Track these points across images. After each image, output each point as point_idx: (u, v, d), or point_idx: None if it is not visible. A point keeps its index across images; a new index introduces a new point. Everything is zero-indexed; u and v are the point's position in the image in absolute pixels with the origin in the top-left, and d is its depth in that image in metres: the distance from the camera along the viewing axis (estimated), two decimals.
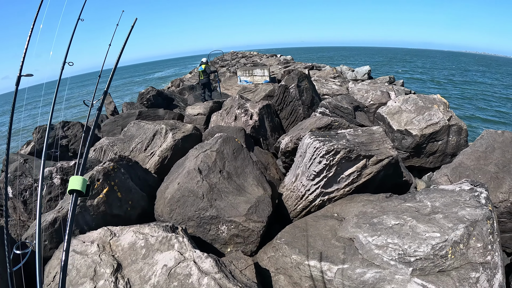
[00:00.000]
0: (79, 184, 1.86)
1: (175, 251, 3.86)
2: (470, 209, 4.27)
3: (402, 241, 4.03)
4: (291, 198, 6.27)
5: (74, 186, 1.85)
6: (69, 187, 1.86)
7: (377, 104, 12.90)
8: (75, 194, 1.86)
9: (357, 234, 4.39)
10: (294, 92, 11.91)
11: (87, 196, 2.28)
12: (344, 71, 29.76)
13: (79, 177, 1.88)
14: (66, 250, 1.75)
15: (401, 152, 9.10)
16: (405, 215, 4.48)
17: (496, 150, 6.93)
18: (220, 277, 3.46)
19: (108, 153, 8.48)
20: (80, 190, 1.86)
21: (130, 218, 5.54)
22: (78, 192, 1.86)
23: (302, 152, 6.19)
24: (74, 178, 1.88)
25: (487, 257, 3.77)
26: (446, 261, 3.77)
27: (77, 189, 1.85)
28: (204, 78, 16.61)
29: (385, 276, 3.81)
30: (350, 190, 5.82)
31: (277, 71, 29.68)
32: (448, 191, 4.88)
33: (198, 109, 12.60)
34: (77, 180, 1.87)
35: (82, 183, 1.87)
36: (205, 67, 16.77)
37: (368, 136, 6.38)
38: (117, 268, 3.82)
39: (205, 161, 5.94)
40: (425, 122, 8.93)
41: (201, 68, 16.63)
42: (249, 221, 5.15)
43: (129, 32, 2.72)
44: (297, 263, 4.32)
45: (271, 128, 10.93)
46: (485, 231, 3.96)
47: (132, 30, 2.74)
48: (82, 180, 1.88)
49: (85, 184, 1.89)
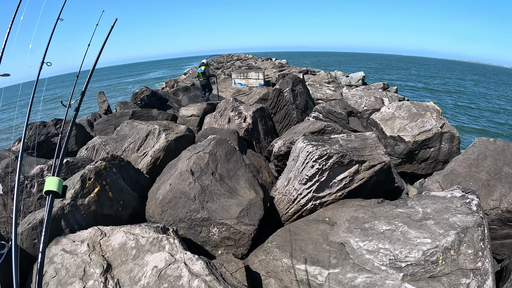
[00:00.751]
0: (55, 185, 1.85)
1: (165, 253, 3.84)
2: (461, 215, 4.28)
3: (393, 246, 4.04)
4: (283, 201, 6.26)
5: (50, 187, 1.84)
6: (45, 188, 1.84)
7: (371, 110, 12.95)
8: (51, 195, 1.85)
9: (349, 239, 4.39)
10: (288, 96, 11.92)
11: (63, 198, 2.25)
12: (338, 77, 29.85)
13: (55, 178, 1.87)
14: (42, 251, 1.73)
15: (394, 158, 9.13)
16: (396, 220, 4.49)
17: (488, 158, 6.97)
18: (211, 280, 3.44)
19: (101, 152, 8.43)
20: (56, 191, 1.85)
21: (121, 218, 5.49)
22: (54, 193, 1.86)
23: (295, 156, 6.19)
24: (50, 179, 1.86)
25: (478, 264, 3.79)
26: (437, 267, 3.78)
27: (53, 190, 1.84)
28: (203, 79, 16.67)
29: (376, 281, 3.81)
30: (342, 195, 5.82)
31: (272, 74, 29.72)
32: (440, 198, 4.90)
33: (192, 110, 12.57)
34: (53, 181, 1.86)
35: (58, 184, 1.86)
36: (205, 68, 16.85)
37: (361, 141, 6.39)
38: (107, 268, 3.79)
39: (198, 163, 5.91)
40: (418, 129, 8.98)
41: (200, 70, 16.64)
42: (241, 224, 5.13)
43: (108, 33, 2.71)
44: (288, 266, 4.31)
45: (265, 131, 10.93)
46: (476, 237, 3.97)
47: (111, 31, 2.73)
48: (58, 181, 1.87)
49: (61, 185, 1.88)
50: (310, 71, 34.46)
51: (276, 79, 25.41)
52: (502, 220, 6.02)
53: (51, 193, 1.85)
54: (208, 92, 17.14)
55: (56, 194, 1.86)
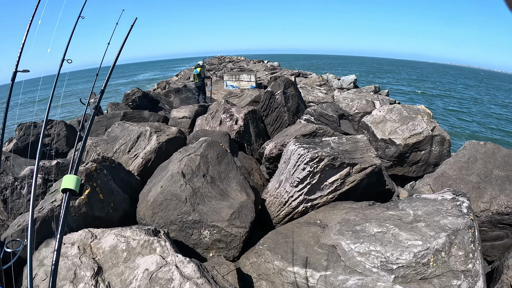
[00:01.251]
0: (72, 183, 1.82)
1: (157, 255, 3.81)
2: (452, 218, 4.31)
3: (385, 248, 4.05)
4: (274, 204, 6.26)
5: (68, 185, 1.81)
6: (62, 185, 1.81)
7: (362, 113, 13.00)
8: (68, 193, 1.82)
9: (340, 241, 4.40)
10: (280, 99, 11.93)
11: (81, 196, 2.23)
12: (330, 79, 29.96)
13: (73, 176, 1.84)
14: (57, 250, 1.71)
15: (385, 160, 9.17)
16: (387, 223, 4.51)
17: (478, 160, 7.03)
18: (202, 282, 3.42)
19: (91, 154, 8.37)
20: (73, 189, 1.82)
21: (111, 221, 5.45)
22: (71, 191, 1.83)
23: (286, 158, 6.19)
24: (68, 177, 1.84)
25: (469, 265, 3.81)
26: (428, 269, 3.80)
27: (70, 188, 1.81)
28: (199, 81, 16.77)
29: (367, 283, 3.82)
30: (333, 198, 5.84)
31: (264, 77, 29.76)
32: (431, 200, 4.93)
33: (184, 112, 12.54)
34: (70, 179, 1.83)
35: (76, 182, 1.83)
36: (200, 70, 16.91)
37: (352, 144, 6.42)
38: (98, 271, 3.75)
39: (189, 165, 5.90)
40: (409, 132, 9.02)
41: (196, 71, 16.67)
42: (232, 226, 5.12)
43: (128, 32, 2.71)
44: (280, 269, 4.31)
45: (256, 133, 10.92)
46: (467, 239, 4.00)
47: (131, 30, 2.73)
48: (76, 179, 1.84)
49: (78, 183, 1.85)
50: (302, 74, 34.55)
51: (268, 82, 25.44)
52: (492, 222, 6.06)
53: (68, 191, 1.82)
54: (202, 94, 17.15)
55: (73, 192, 1.84)
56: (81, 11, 4.22)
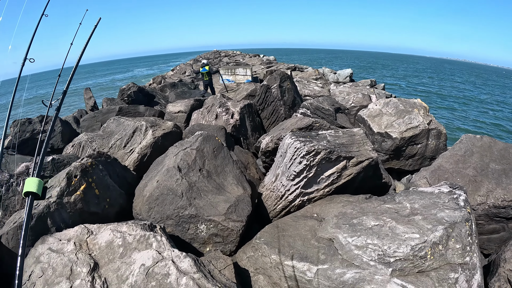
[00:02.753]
0: (34, 186, 1.76)
1: (153, 250, 3.79)
2: (449, 211, 4.30)
3: (382, 241, 4.04)
4: (271, 198, 6.24)
5: (30, 188, 1.76)
6: (24, 189, 1.75)
7: (358, 106, 12.99)
8: (30, 197, 1.77)
9: (337, 234, 4.39)
10: (276, 92, 11.90)
11: (43, 199, 2.17)
12: (326, 73, 29.94)
13: (35, 179, 1.78)
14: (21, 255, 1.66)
15: (381, 154, 9.18)
16: (384, 216, 4.50)
17: (474, 154, 7.03)
18: (199, 277, 3.40)
19: (87, 149, 8.33)
20: (35, 192, 1.76)
21: (108, 216, 5.42)
22: (33, 194, 1.77)
23: (282, 152, 6.17)
24: (30, 180, 1.78)
25: (466, 258, 3.81)
26: (425, 262, 3.79)
27: (32, 191, 1.76)
28: (208, 78, 17.34)
29: (364, 277, 3.81)
30: (330, 191, 5.82)
31: (260, 71, 29.71)
32: (427, 193, 4.92)
33: (179, 106, 12.50)
34: (32, 182, 1.77)
35: (38, 185, 1.77)
36: (209, 68, 17.48)
37: (349, 137, 6.40)
38: (94, 267, 3.73)
39: (185, 159, 5.87)
40: (405, 126, 9.03)
41: (204, 70, 17.22)
42: (229, 221, 5.10)
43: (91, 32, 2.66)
44: (277, 263, 4.30)
45: (252, 127, 10.90)
46: (464, 232, 4.00)
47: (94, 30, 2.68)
48: (38, 182, 1.78)
49: (41, 186, 1.78)
50: (298, 68, 34.51)
51: (264, 76, 25.40)
52: (489, 215, 6.07)
53: (31, 194, 1.77)
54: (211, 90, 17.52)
55: (36, 196, 1.78)
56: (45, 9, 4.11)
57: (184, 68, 42.66)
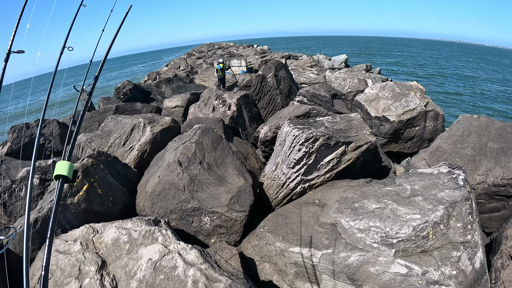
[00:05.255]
0: (65, 169, 1.74)
1: (159, 244, 3.83)
2: (448, 190, 4.35)
3: (384, 224, 4.09)
4: (272, 186, 6.28)
5: (61, 171, 1.73)
6: (55, 172, 1.73)
7: (355, 91, 13.00)
8: (61, 179, 1.75)
9: (339, 219, 4.43)
10: (272, 82, 11.89)
11: (74, 183, 2.16)
12: (321, 60, 29.86)
13: (66, 162, 1.76)
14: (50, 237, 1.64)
15: (379, 138, 9.21)
16: (385, 198, 4.54)
17: (472, 134, 7.06)
18: (206, 268, 3.45)
19: (86, 150, 8.34)
20: (66, 175, 1.75)
21: (112, 215, 5.46)
22: (64, 178, 1.75)
23: (281, 140, 6.20)
24: (61, 163, 1.76)
25: (468, 237, 3.86)
26: (427, 242, 3.84)
27: (63, 174, 1.74)
28: (222, 74, 18.94)
29: (368, 259, 3.86)
30: (330, 177, 5.86)
31: (254, 61, 29.59)
32: (427, 174, 4.96)
33: (176, 101, 12.50)
34: (63, 165, 1.75)
35: (69, 169, 1.75)
36: (223, 65, 19.19)
37: (347, 123, 6.42)
38: (102, 265, 3.78)
39: (185, 153, 5.89)
40: (402, 109, 9.05)
41: (219, 66, 18.79)
42: (232, 211, 5.14)
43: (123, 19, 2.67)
44: (281, 250, 4.34)
45: (250, 118, 10.92)
46: (464, 211, 4.04)
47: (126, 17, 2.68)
48: (69, 166, 1.76)
49: (72, 169, 1.76)
50: (292, 56, 34.40)
51: (258, 66, 25.32)
52: (489, 194, 6.12)
53: (61, 177, 1.75)
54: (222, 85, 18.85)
55: (66, 179, 1.76)
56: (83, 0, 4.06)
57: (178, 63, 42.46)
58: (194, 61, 43.72)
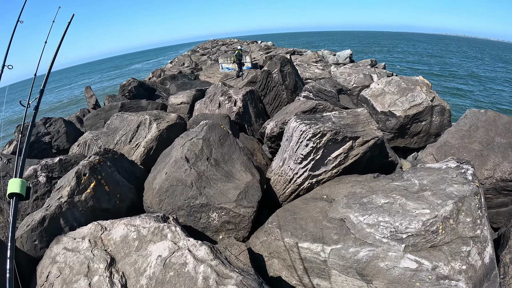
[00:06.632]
0: (17, 187, 1.74)
1: (168, 241, 3.84)
2: (457, 185, 4.33)
3: (393, 218, 4.08)
4: (279, 182, 6.28)
5: (13, 189, 1.73)
6: (8, 190, 1.73)
7: (360, 86, 12.96)
8: (15, 198, 1.74)
9: (348, 214, 4.43)
10: (277, 77, 11.88)
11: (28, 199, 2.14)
12: (325, 56, 29.80)
13: (18, 180, 1.76)
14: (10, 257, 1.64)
15: (386, 133, 9.18)
16: (394, 193, 4.53)
17: (479, 128, 7.03)
18: (216, 264, 3.45)
19: (93, 147, 8.36)
20: (19, 193, 1.74)
21: (119, 212, 5.47)
22: (18, 195, 1.75)
23: (288, 136, 6.19)
24: (13, 181, 1.75)
25: (477, 231, 3.84)
26: (437, 237, 3.83)
27: (16, 192, 1.74)
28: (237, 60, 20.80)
29: (378, 254, 3.86)
30: (338, 172, 5.85)
31: (259, 57, 29.56)
32: (435, 169, 4.94)
33: (181, 98, 12.50)
34: (15, 182, 1.75)
35: (21, 186, 1.75)
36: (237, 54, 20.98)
37: (353, 118, 6.41)
38: (111, 262, 3.78)
39: (192, 149, 5.89)
40: (409, 103, 9.01)
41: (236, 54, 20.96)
42: (240, 207, 5.15)
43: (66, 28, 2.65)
44: (290, 246, 4.34)
45: (256, 114, 10.91)
46: (474, 206, 4.02)
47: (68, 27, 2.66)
48: (21, 183, 1.76)
49: (24, 186, 1.76)
50: (297, 52, 34.35)
51: (263, 62, 25.32)
52: (497, 189, 6.09)
53: (15, 196, 1.75)
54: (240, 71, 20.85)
55: (20, 196, 1.76)
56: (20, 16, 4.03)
57: (182, 60, 42.46)
58: (198, 57, 43.74)
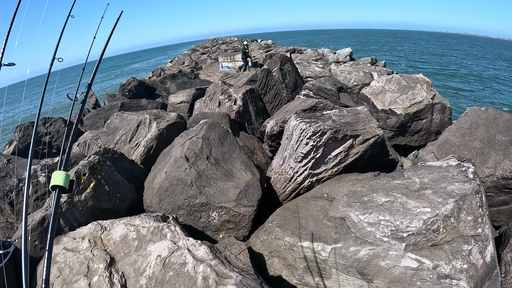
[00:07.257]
0: (61, 180, 1.75)
1: (168, 241, 3.82)
2: (458, 183, 4.31)
3: (394, 217, 4.06)
4: (280, 181, 6.26)
5: (57, 182, 1.75)
6: (52, 182, 1.74)
7: (361, 85, 12.94)
8: (57, 190, 1.76)
9: (349, 213, 4.41)
10: (277, 76, 11.85)
11: (71, 192, 2.15)
12: (326, 54, 29.76)
13: (62, 172, 1.77)
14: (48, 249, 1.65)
15: (386, 131, 9.16)
16: (394, 192, 4.51)
17: (480, 126, 7.00)
18: (216, 264, 3.43)
19: (93, 147, 8.34)
20: (63, 186, 1.76)
21: (119, 211, 5.46)
22: (61, 188, 1.76)
23: (288, 134, 6.18)
24: (57, 173, 1.76)
25: (478, 230, 3.82)
26: (438, 235, 3.81)
27: (59, 185, 1.75)
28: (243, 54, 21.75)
29: (379, 253, 3.84)
30: (338, 170, 5.83)
31: (259, 55, 29.54)
32: (436, 167, 4.92)
33: (181, 97, 12.49)
34: (59, 175, 1.76)
35: (65, 179, 1.76)
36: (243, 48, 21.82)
37: (354, 116, 6.39)
38: (111, 262, 3.77)
39: (192, 148, 5.87)
40: (409, 101, 8.99)
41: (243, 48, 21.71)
42: (240, 206, 5.13)
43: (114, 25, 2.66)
44: (291, 245, 4.33)
45: (256, 112, 10.89)
46: (475, 204, 4.01)
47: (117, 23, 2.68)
48: (65, 176, 1.77)
49: (68, 179, 1.78)
50: (297, 50, 34.30)
51: (263, 60, 25.29)
52: (498, 187, 6.07)
53: (58, 188, 1.76)
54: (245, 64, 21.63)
55: (63, 189, 1.77)
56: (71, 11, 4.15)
57: (182, 59, 42.46)
58: (198, 56, 43.72)
